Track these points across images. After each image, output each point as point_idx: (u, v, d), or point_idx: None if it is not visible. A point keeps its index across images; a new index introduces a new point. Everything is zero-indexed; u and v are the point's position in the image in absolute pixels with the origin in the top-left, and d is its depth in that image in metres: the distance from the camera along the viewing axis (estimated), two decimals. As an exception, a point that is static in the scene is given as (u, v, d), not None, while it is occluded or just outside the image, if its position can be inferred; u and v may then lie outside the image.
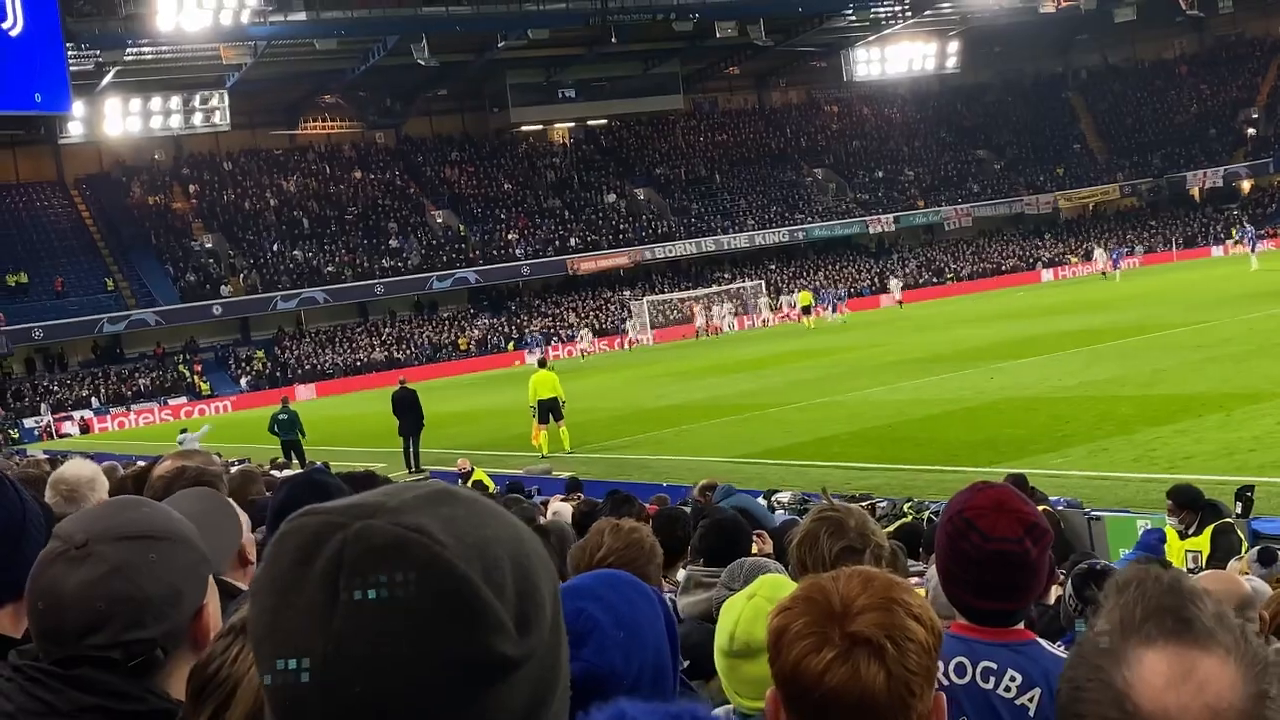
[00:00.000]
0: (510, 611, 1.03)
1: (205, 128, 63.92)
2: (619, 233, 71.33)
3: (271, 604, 1.04)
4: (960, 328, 41.99)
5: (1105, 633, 1.15)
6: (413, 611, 1.00)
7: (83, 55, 53.61)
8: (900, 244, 76.91)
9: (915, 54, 77.35)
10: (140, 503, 2.18)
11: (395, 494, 1.07)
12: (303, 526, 1.05)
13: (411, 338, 64.08)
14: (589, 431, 26.65)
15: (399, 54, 60.23)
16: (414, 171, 73.54)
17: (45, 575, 1.96)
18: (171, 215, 66.43)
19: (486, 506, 1.10)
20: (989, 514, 2.79)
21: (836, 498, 13.34)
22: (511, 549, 1.07)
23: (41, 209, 65.15)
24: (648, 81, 75.50)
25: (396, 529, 1.02)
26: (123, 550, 1.96)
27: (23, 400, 55.11)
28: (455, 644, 1.01)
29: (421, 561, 1.00)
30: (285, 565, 1.04)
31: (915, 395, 25.51)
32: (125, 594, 1.93)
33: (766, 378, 34.04)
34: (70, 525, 2.02)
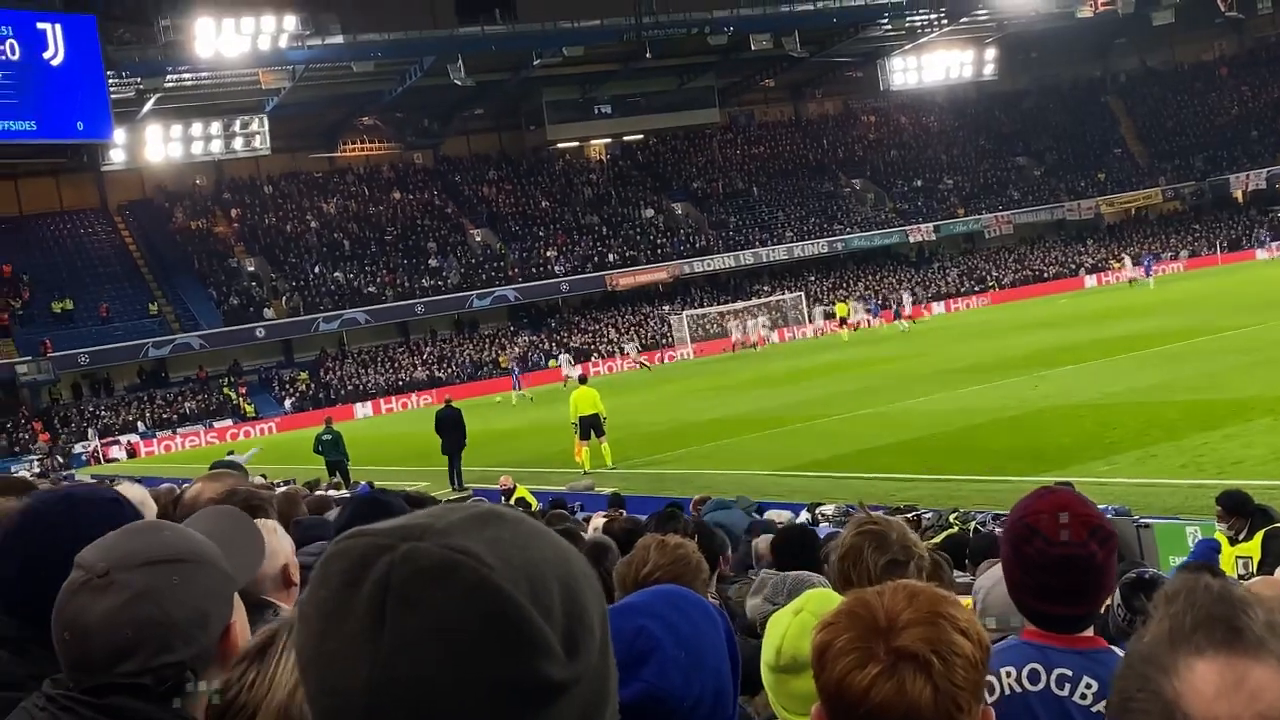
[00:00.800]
0: (558, 634, 1.02)
1: (245, 152, 64.45)
2: (657, 248, 71.36)
3: (319, 627, 1.03)
4: (1003, 336, 41.70)
5: (1155, 642, 1.14)
6: (460, 635, 0.99)
7: (124, 83, 54.23)
8: (941, 253, 76.54)
9: (952, 62, 77.06)
10: (159, 526, 2.19)
11: (442, 516, 1.07)
12: (349, 549, 1.04)
13: (452, 356, 64.29)
14: (631, 447, 26.62)
15: (435, 74, 60.57)
16: (452, 191, 73.86)
17: (70, 606, 1.96)
18: (214, 239, 66.99)
19: (533, 527, 1.09)
20: (1052, 518, 2.77)
21: (881, 509, 13.27)
22: (559, 570, 1.06)
23: (86, 236, 65.86)
24: (683, 96, 75.56)
25: (444, 551, 1.01)
26: (145, 576, 1.96)
27: (70, 426, 55.63)
28: (503, 668, 1.00)
29: (469, 584, 1.00)
30: (332, 588, 1.03)
31: (958, 405, 25.34)
32: (151, 619, 1.93)
33: (808, 390, 33.91)
34: (91, 554, 2.02)
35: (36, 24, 48.35)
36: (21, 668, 2.34)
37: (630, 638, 1.98)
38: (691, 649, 2.04)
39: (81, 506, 2.47)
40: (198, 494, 3.50)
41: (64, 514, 2.45)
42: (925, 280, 72.26)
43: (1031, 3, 69.84)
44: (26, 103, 48.01)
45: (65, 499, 2.51)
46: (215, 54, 54.50)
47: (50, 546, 2.39)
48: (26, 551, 2.40)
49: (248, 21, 54.47)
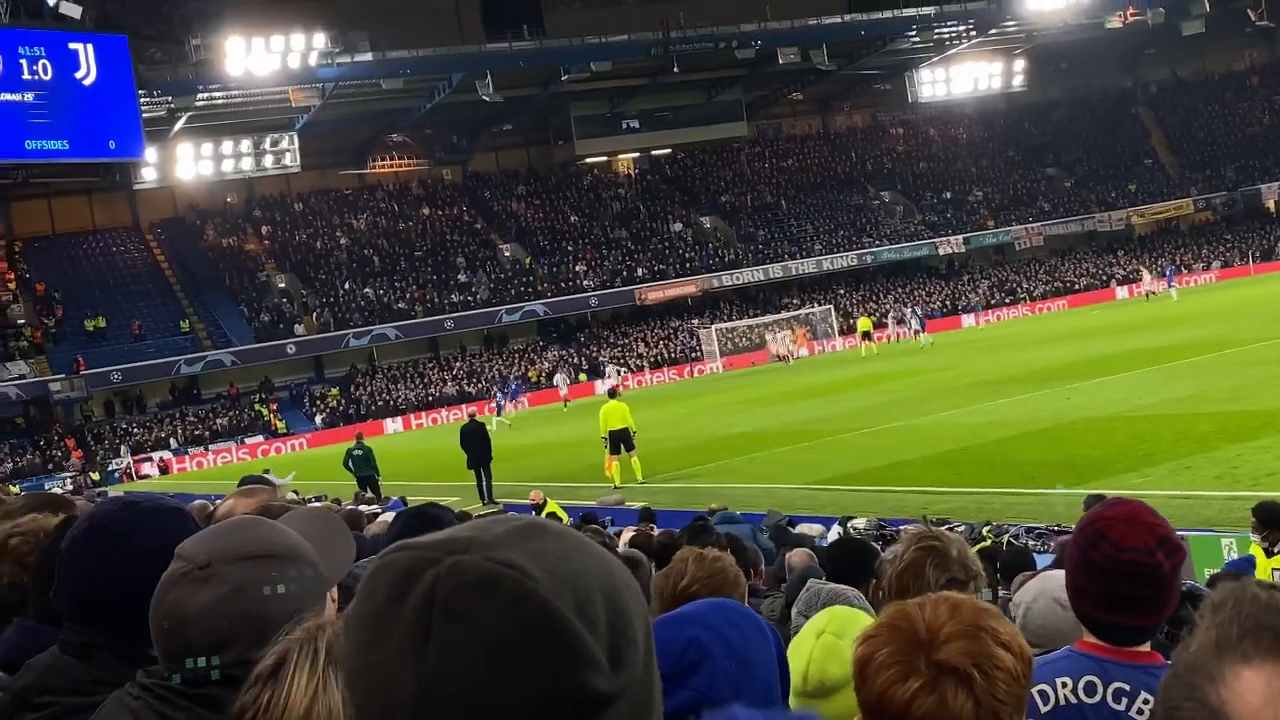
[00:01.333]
0: (603, 646, 1.03)
1: (276, 170, 64.85)
2: (686, 261, 71.37)
3: (364, 640, 1.04)
4: (1034, 348, 41.50)
5: (1202, 651, 1.13)
6: (506, 648, 0.99)
7: (155, 102, 54.69)
8: (971, 265, 76.28)
9: (981, 73, 76.87)
10: (259, 522, 2.21)
11: (486, 529, 1.07)
12: (395, 562, 1.05)
13: (482, 371, 64.42)
14: (661, 461, 26.59)
15: (464, 91, 60.82)
16: (481, 206, 74.09)
17: (169, 596, 2.00)
18: (244, 257, 67.39)
19: (577, 539, 1.10)
20: (1121, 525, 2.77)
21: (913, 523, 13.18)
22: (603, 582, 1.07)
23: (118, 254, 66.37)
24: (711, 109, 75.63)
25: (489, 564, 1.02)
26: (246, 569, 2.00)
27: (103, 443, 55.98)
28: (549, 681, 1.00)
29: (514, 597, 1.00)
30: (378, 601, 1.04)
31: (990, 417, 25.21)
32: (249, 612, 1.96)
33: (838, 403, 33.82)
34: (192, 546, 2.06)
35: (68, 44, 48.76)
36: (87, 673, 2.38)
37: (682, 647, 2.00)
38: (742, 661, 2.04)
39: (145, 516, 2.50)
40: (230, 510, 3.51)
41: (128, 523, 2.48)
42: (956, 292, 71.96)
43: (1060, 14, 69.60)
44: (59, 122, 48.41)
45: (128, 508, 2.54)
46: (246, 72, 54.89)
47: (115, 555, 2.43)
48: (92, 560, 2.44)
49: (278, 40, 54.87)
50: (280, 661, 1.72)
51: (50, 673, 2.42)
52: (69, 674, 2.39)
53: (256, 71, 55.05)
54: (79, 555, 2.47)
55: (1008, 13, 69.81)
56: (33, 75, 47.74)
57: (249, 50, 54.41)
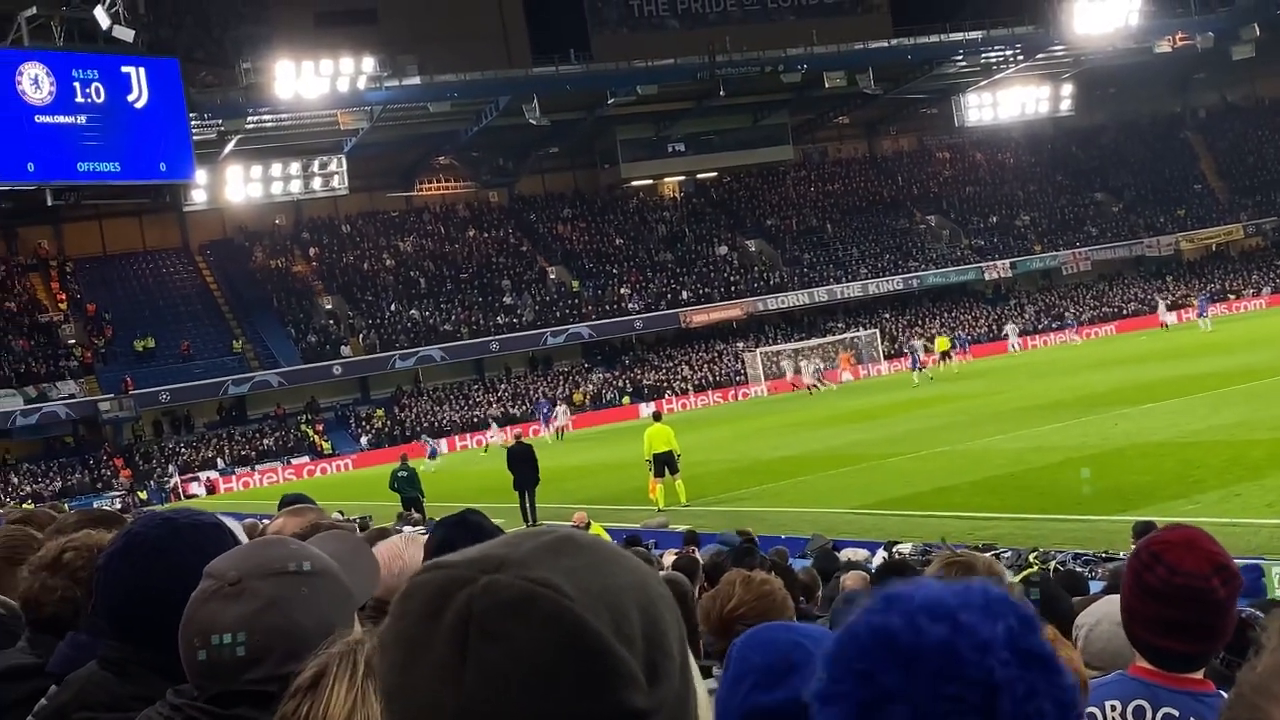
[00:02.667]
0: (640, 662, 1.02)
1: (324, 192, 65.42)
2: (731, 285, 71.35)
3: (400, 660, 1.04)
4: (1081, 373, 41.16)
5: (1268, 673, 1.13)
6: (543, 668, 0.99)
7: (205, 125, 55.32)
8: (1017, 289, 75.84)
9: (1028, 98, 76.51)
10: (286, 540, 2.22)
11: (518, 545, 1.07)
12: (428, 582, 1.05)
13: (527, 393, 64.57)
14: (705, 484, 26.53)
15: (511, 114, 61.17)
16: (527, 229, 74.40)
17: (201, 613, 2.00)
18: (292, 278, 67.94)
19: (609, 553, 1.09)
20: (1178, 549, 2.75)
21: (959, 548, 13.08)
22: (638, 596, 1.06)
23: (168, 275, 67.08)
24: (757, 133, 75.68)
25: (523, 583, 1.02)
26: (275, 585, 2.00)
27: (151, 462, 56.48)
28: (586, 699, 1.00)
29: (550, 616, 1.00)
30: (413, 620, 1.04)
31: (1037, 443, 25.00)
32: (281, 628, 1.96)
33: (883, 427, 33.64)
34: (222, 564, 2.06)
35: (121, 67, 49.42)
36: (124, 688, 2.39)
37: (786, 649, 2.05)
38: None
39: (184, 531, 2.51)
40: (280, 528, 3.53)
41: (166, 538, 2.49)
42: (1003, 316, 71.51)
43: (1109, 39, 69.25)
44: (111, 144, 49.04)
45: (167, 523, 2.54)
46: (295, 95, 55.44)
47: (152, 571, 2.43)
48: (131, 575, 2.44)
49: (327, 64, 55.40)
50: (320, 674, 1.73)
51: (88, 687, 2.43)
52: (106, 689, 2.40)
53: (305, 95, 55.58)
54: (117, 571, 2.47)
55: (1055, 37, 69.54)
56: (86, 98, 48.40)
57: (298, 74, 54.97)
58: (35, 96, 46.85)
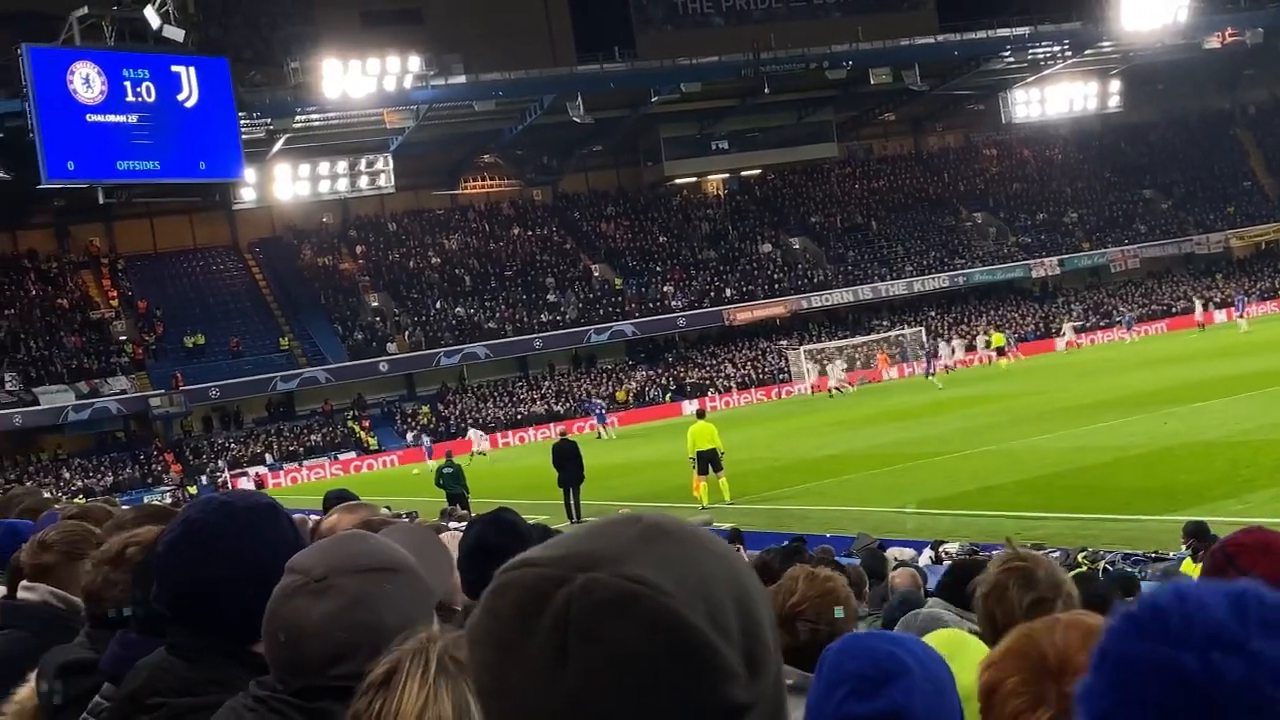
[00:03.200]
0: (738, 654, 1.02)
1: (371, 190, 65.82)
2: (774, 282, 71.19)
3: (495, 659, 1.03)
4: (1129, 372, 40.81)
5: None
6: (645, 667, 0.98)
7: (254, 124, 55.72)
8: (1065, 287, 75.24)
9: (1075, 94, 75.87)
10: (367, 536, 2.24)
11: (609, 538, 1.06)
12: (521, 579, 1.04)
13: (570, 391, 64.69)
14: (749, 482, 26.52)
15: (555, 112, 61.27)
16: (571, 227, 74.52)
17: (285, 608, 2.02)
18: (340, 276, 68.36)
19: (698, 538, 1.08)
20: (1252, 552, 2.70)
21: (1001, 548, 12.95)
22: (732, 586, 1.05)
23: (217, 272, 67.68)
24: (801, 130, 75.40)
25: (622, 582, 1.01)
26: (361, 582, 2.02)
27: (200, 457, 57.01)
28: (690, 696, 0.99)
29: (650, 615, 0.99)
30: (507, 620, 1.03)
31: (1084, 442, 24.84)
32: (366, 624, 1.98)
33: (929, 426, 33.49)
34: (306, 559, 2.09)
35: (171, 67, 49.90)
36: (195, 673, 2.42)
37: (882, 657, 2.05)
38: (937, 686, 2.07)
39: (240, 514, 2.53)
40: (334, 525, 3.57)
41: (224, 522, 2.52)
42: (1051, 314, 70.98)
43: (1157, 35, 68.53)
44: (162, 143, 49.55)
45: (223, 507, 2.56)
46: (342, 94, 55.78)
47: (214, 555, 2.47)
48: (192, 561, 2.48)
49: (373, 63, 55.70)
50: (392, 671, 1.75)
51: (158, 674, 2.46)
52: (177, 674, 2.43)
53: (352, 94, 55.91)
54: (176, 557, 2.50)
55: (1103, 33, 68.93)
56: (136, 97, 48.92)
57: (345, 73, 55.30)
58: (87, 96, 47.39)
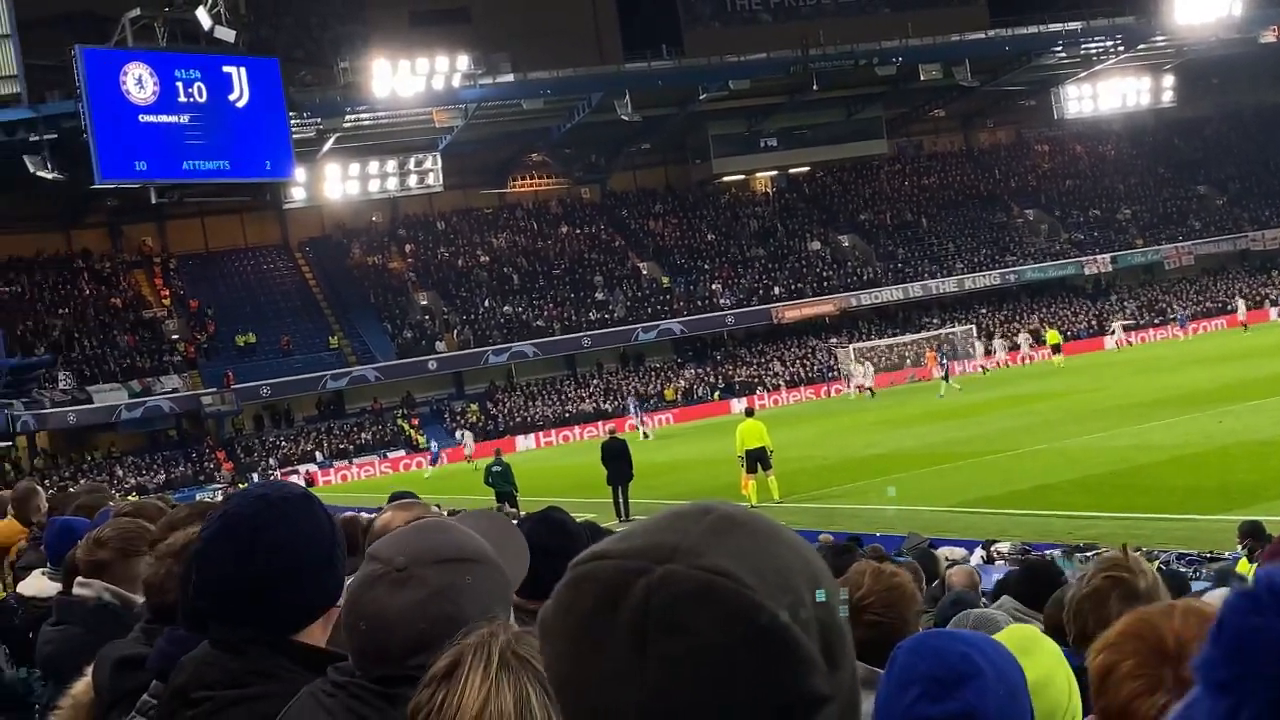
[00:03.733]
0: (816, 644, 1.02)
1: (419, 189, 66.09)
2: (823, 280, 70.93)
3: (571, 651, 1.03)
4: (1184, 370, 40.37)
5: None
6: (727, 659, 0.98)
7: (304, 123, 56.12)
8: (1118, 284, 74.51)
9: (1128, 89, 75.06)
10: (448, 526, 2.25)
11: (683, 530, 1.05)
12: (598, 571, 1.04)
13: (619, 389, 64.74)
14: (798, 480, 26.43)
15: (603, 110, 61.31)
16: (619, 225, 74.56)
17: (367, 597, 2.03)
18: (389, 275, 68.74)
19: (772, 530, 1.08)
20: None
21: (1057, 548, 12.86)
22: (808, 577, 1.05)
23: (268, 271, 68.23)
24: (850, 127, 75.04)
25: (701, 574, 1.00)
26: (442, 573, 2.02)
27: (252, 455, 57.48)
28: (772, 687, 0.99)
29: (731, 606, 0.99)
30: (583, 612, 1.03)
31: (1139, 440, 24.57)
32: (447, 615, 1.98)
33: (979, 424, 33.26)
34: (387, 548, 2.09)
35: (223, 67, 50.32)
36: (240, 665, 2.43)
37: (955, 660, 2.01)
38: (1010, 690, 2.04)
39: (277, 506, 2.54)
40: (388, 522, 3.57)
41: (263, 514, 2.53)
42: (1104, 311, 70.31)
43: (1211, 29, 67.74)
44: (214, 144, 49.98)
45: (261, 500, 2.58)
46: (391, 94, 56.06)
47: (254, 547, 2.48)
48: (232, 555, 2.49)
49: (422, 62, 55.96)
50: (454, 664, 1.75)
51: (203, 668, 2.48)
52: (222, 667, 2.45)
53: (401, 93, 56.19)
54: (217, 552, 2.52)
55: (1156, 28, 68.20)
56: (188, 98, 49.36)
57: (394, 72, 55.59)
58: (139, 96, 47.86)
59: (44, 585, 5.28)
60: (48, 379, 54.81)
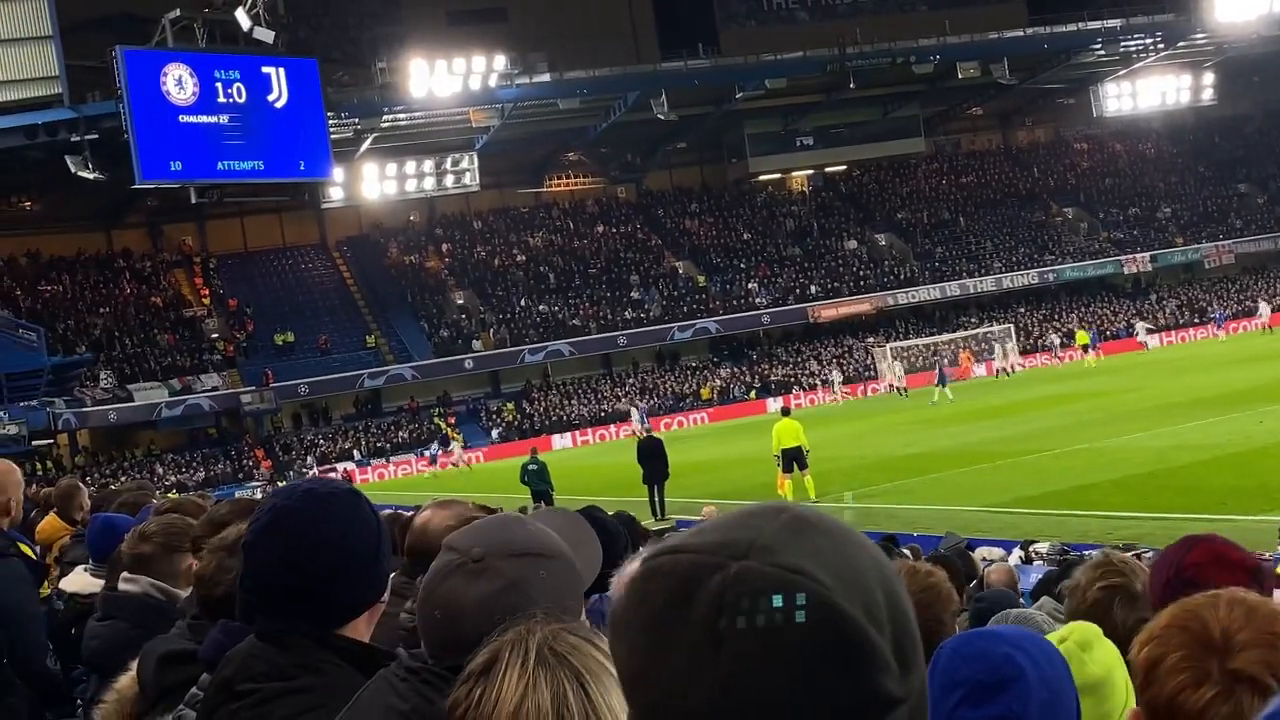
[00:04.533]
0: (890, 646, 1.02)
1: (456, 189, 66.28)
2: (860, 279, 70.72)
3: (644, 644, 1.03)
4: (1224, 369, 40.01)
5: None
6: (801, 657, 0.98)
7: (342, 123, 56.44)
8: (1158, 283, 73.91)
9: (1168, 87, 74.47)
10: (524, 520, 2.27)
11: (758, 527, 1.05)
12: (673, 565, 1.03)
13: (655, 388, 64.74)
14: (834, 480, 26.36)
15: (639, 109, 61.35)
16: (654, 224, 74.57)
17: (444, 586, 2.05)
18: (426, 274, 69.00)
19: (844, 531, 1.08)
20: (1209, 568, 2.66)
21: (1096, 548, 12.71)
22: (880, 579, 1.05)
23: (306, 271, 68.62)
24: (887, 125, 74.79)
25: (777, 571, 1.00)
26: (517, 566, 2.04)
27: (290, 453, 57.83)
28: (845, 688, 0.99)
29: (806, 605, 0.99)
30: (658, 605, 1.02)
31: (1178, 441, 24.38)
32: (520, 608, 1.98)
33: (1017, 424, 33.08)
34: (464, 539, 2.11)
35: (261, 68, 50.62)
36: (284, 658, 2.46)
37: (999, 662, 2.01)
38: (1053, 691, 2.03)
39: (324, 501, 2.57)
40: (427, 520, 3.59)
41: (311, 508, 2.56)
42: (1144, 310, 69.77)
43: (1252, 26, 67.08)
44: (253, 143, 50.29)
45: (308, 494, 2.61)
46: (428, 94, 56.28)
47: (301, 544, 2.51)
48: (281, 548, 2.52)
49: (459, 62, 56.15)
50: (492, 660, 1.76)
51: (249, 660, 2.51)
52: (267, 659, 2.48)
53: (439, 93, 56.40)
54: (266, 546, 2.54)
55: (1196, 25, 67.61)
56: (227, 98, 49.69)
57: (431, 72, 55.80)
58: (179, 97, 48.23)
59: (86, 581, 5.34)
60: (89, 377, 55.34)
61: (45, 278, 62.27)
